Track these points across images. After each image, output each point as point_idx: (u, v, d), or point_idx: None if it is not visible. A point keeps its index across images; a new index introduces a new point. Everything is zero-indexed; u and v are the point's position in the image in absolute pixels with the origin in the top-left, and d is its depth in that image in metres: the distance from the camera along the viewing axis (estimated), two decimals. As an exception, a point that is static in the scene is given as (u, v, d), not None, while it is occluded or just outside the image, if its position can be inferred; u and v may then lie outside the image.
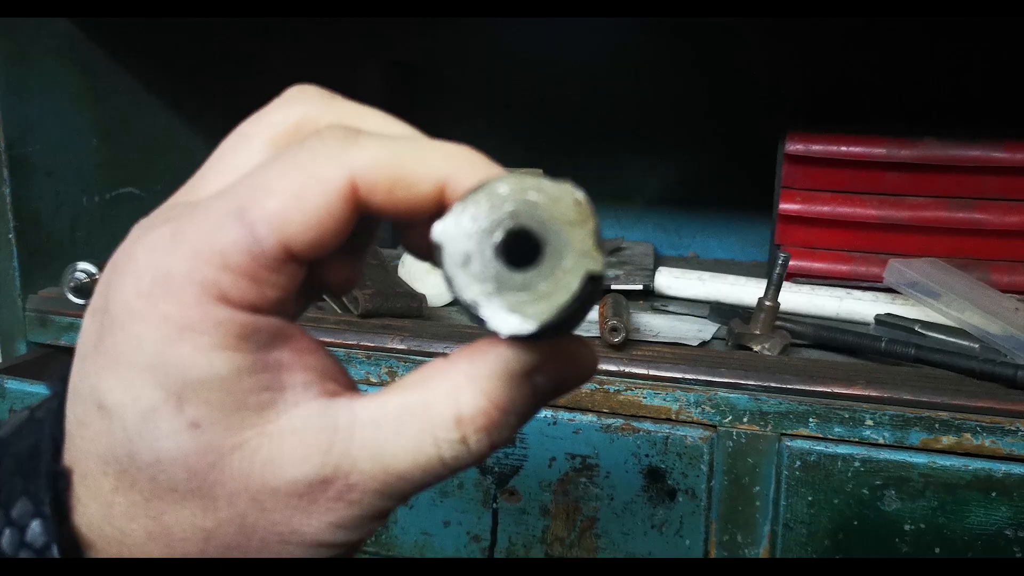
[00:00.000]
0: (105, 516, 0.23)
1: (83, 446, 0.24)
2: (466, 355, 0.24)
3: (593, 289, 0.21)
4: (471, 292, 0.21)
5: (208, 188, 0.25)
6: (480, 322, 0.21)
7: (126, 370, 0.23)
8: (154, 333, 0.22)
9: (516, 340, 0.23)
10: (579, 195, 0.21)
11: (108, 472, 0.23)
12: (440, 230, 0.21)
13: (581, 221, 0.21)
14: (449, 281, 0.21)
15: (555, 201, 0.21)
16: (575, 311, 0.22)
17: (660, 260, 1.01)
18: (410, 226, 0.27)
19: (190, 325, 0.22)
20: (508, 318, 0.21)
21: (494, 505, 0.71)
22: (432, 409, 0.24)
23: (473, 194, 0.21)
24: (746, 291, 0.85)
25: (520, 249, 0.21)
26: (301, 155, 0.23)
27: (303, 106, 0.26)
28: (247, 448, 0.23)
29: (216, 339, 0.22)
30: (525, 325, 0.21)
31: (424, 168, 0.23)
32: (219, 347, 0.22)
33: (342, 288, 0.30)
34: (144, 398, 0.22)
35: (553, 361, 0.24)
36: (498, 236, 0.21)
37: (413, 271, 0.83)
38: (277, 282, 0.23)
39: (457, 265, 0.21)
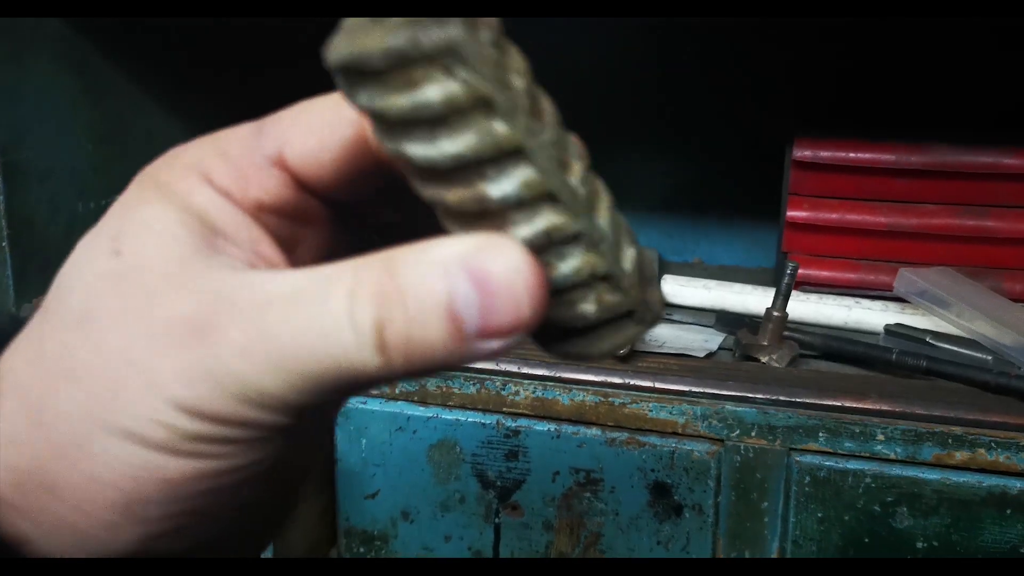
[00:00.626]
0: (8, 356, 0.24)
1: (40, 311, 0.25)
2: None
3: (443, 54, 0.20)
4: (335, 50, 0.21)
5: None
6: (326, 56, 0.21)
7: (102, 223, 0.24)
8: (135, 188, 0.24)
9: (375, 117, 0.21)
10: None
11: (37, 311, 0.24)
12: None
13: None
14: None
15: None
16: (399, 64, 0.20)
17: (665, 266, 0.99)
18: None
19: (165, 185, 0.24)
20: (341, 48, 0.21)
21: (496, 520, 0.69)
22: (335, 271, 0.22)
23: None
24: (753, 299, 0.83)
25: None
26: (330, 94, 0.25)
27: None
28: (146, 282, 0.22)
29: (178, 201, 0.24)
30: (349, 50, 0.21)
31: None
32: (176, 207, 0.23)
33: None
34: (95, 237, 0.24)
35: (476, 252, 0.21)
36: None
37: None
38: (264, 184, 0.24)
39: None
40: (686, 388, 0.65)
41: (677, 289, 0.86)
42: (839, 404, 0.63)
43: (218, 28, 1.00)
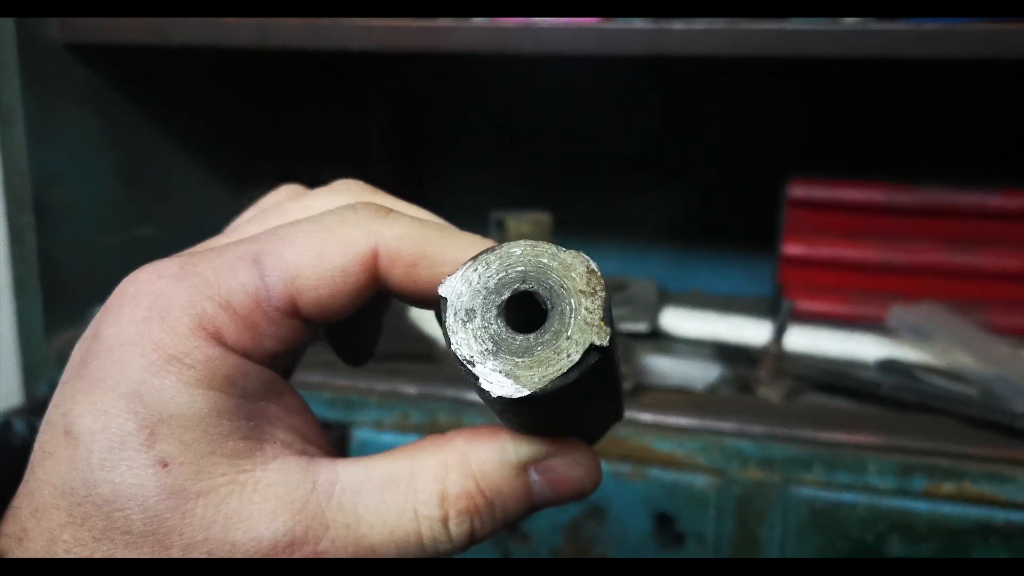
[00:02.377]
0: (48, 552, 0.21)
1: (42, 475, 0.22)
2: (464, 435, 0.24)
3: (598, 366, 0.21)
4: (468, 349, 0.20)
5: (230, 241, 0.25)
6: (473, 380, 0.20)
7: (102, 395, 0.21)
8: (139, 360, 0.21)
9: (509, 410, 0.21)
10: (592, 265, 0.21)
11: (61, 505, 0.21)
12: (447, 284, 0.21)
13: (591, 292, 0.20)
14: (448, 336, 0.21)
15: (567, 268, 0.21)
16: (575, 387, 0.20)
17: (664, 295, 1.02)
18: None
19: (178, 356, 0.21)
20: (501, 380, 0.20)
21: (504, 547, 0.72)
22: (418, 482, 0.23)
23: (485, 253, 0.21)
24: (750, 331, 0.86)
25: (527, 315, 0.21)
26: (330, 218, 0.23)
27: (346, 196, 0.27)
28: (214, 496, 0.21)
29: (202, 375, 0.21)
30: (516, 389, 0.20)
31: (450, 251, 0.23)
32: (203, 384, 0.21)
33: (355, 360, 0.31)
34: (115, 427, 0.21)
35: (553, 459, 0.24)
36: (504, 296, 0.21)
37: (424, 314, 0.85)
38: (277, 335, 0.23)
39: (459, 321, 0.21)
40: (688, 423, 0.69)
41: (677, 322, 0.89)
42: (834, 438, 0.66)
43: (235, 72, 1.04)
